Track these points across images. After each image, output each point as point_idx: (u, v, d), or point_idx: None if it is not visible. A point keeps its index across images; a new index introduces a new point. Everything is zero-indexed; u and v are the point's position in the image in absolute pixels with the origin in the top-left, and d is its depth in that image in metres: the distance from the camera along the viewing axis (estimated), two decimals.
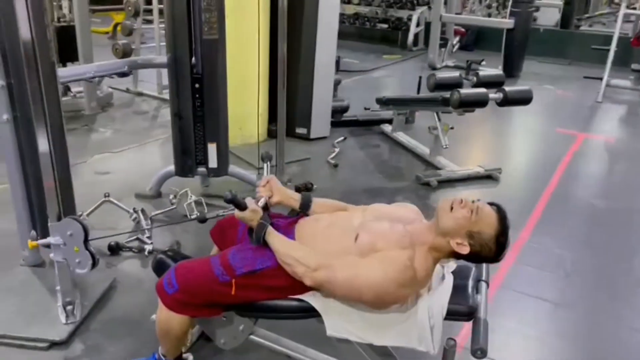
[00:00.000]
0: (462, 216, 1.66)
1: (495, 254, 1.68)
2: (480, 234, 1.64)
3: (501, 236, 1.65)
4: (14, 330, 2.22)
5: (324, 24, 4.54)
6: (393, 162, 4.53)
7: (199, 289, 1.77)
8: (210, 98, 3.31)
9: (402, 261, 1.65)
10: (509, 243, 1.69)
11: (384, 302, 1.69)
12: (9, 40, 2.29)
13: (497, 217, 1.66)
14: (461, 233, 1.66)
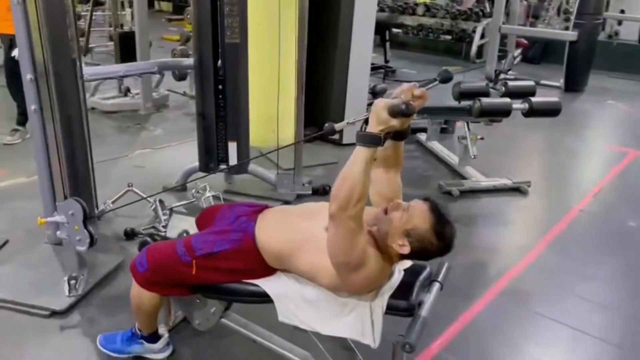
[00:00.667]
0: (394, 217, 1.70)
1: (438, 246, 1.69)
2: (415, 230, 1.67)
3: (437, 226, 1.67)
4: (23, 298, 2.47)
5: (359, 30, 4.61)
6: (420, 170, 4.51)
7: (165, 269, 1.91)
8: (232, 99, 3.49)
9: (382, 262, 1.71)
10: (452, 233, 1.70)
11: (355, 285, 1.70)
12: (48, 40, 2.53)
13: (428, 209, 1.68)
14: (399, 233, 1.68)
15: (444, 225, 1.68)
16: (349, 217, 1.59)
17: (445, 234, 1.68)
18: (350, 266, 1.65)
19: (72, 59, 2.60)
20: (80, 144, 2.76)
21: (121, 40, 5.63)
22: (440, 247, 1.70)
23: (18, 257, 2.83)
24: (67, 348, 2.24)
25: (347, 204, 1.57)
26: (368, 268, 1.65)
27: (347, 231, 1.61)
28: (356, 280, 1.67)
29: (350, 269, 1.65)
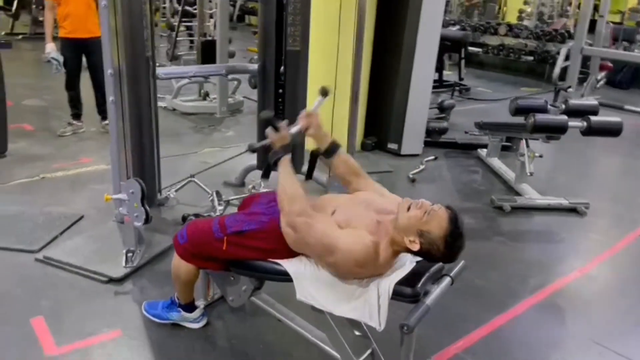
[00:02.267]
0: (415, 215, 1.80)
1: (443, 253, 1.80)
2: (429, 233, 1.77)
3: (449, 237, 1.76)
4: (88, 264, 2.80)
5: (423, 46, 4.72)
6: (475, 184, 4.50)
7: (200, 242, 2.13)
8: (290, 103, 3.71)
9: (367, 242, 1.81)
10: (461, 246, 1.79)
11: (340, 269, 1.86)
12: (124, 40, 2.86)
13: (448, 219, 1.77)
14: (413, 231, 1.79)
15: (457, 237, 1.77)
16: (296, 215, 1.86)
17: (454, 246, 1.78)
18: (323, 253, 1.85)
19: (146, 57, 2.93)
20: (147, 134, 3.09)
21: (203, 47, 6.08)
22: (445, 255, 1.81)
23: (89, 230, 3.19)
24: (118, 310, 2.52)
25: (287, 208, 1.89)
26: (342, 250, 1.79)
27: (302, 226, 1.86)
28: (338, 262, 1.82)
29: (326, 254, 1.84)
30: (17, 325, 2.35)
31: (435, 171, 4.76)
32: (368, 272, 1.87)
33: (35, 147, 4.73)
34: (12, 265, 2.82)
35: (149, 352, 2.26)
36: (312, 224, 1.85)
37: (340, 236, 1.83)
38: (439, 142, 5.28)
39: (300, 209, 1.87)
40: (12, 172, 4.07)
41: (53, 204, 3.53)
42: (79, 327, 2.38)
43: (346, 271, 1.87)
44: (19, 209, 3.41)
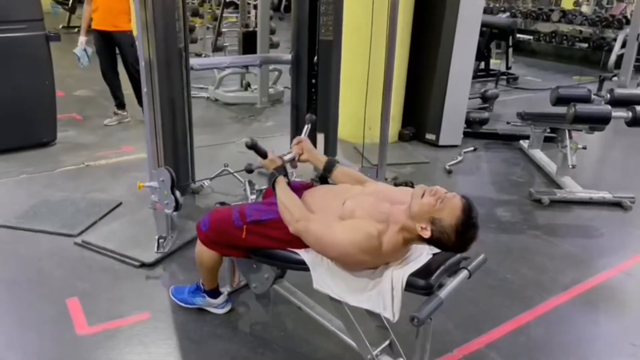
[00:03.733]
0: (428, 202, 1.78)
1: (454, 243, 1.76)
2: (441, 221, 1.74)
3: (461, 226, 1.72)
4: (122, 249, 2.92)
5: (462, 34, 4.61)
6: (514, 176, 4.38)
7: (221, 230, 2.17)
8: (323, 92, 3.73)
9: (369, 231, 1.81)
10: (473, 237, 1.76)
11: (345, 262, 1.88)
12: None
13: (461, 208, 1.74)
14: (426, 218, 1.77)
15: (469, 227, 1.74)
16: (296, 222, 1.92)
17: (465, 236, 1.74)
18: (324, 250, 1.91)
19: (179, 49, 3.01)
20: (181, 124, 3.18)
21: (245, 38, 6.16)
22: (455, 245, 1.77)
23: (126, 216, 3.32)
24: (148, 294, 2.61)
25: (287, 219, 1.96)
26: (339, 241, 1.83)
27: (304, 233, 1.91)
28: (340, 255, 1.86)
29: (326, 251, 1.90)
30: (54, 305, 2.49)
31: (473, 163, 4.66)
32: (375, 260, 1.87)
33: (83, 136, 4.94)
34: (53, 247, 2.97)
35: (174, 334, 2.34)
36: (309, 225, 1.91)
37: (336, 230, 1.86)
38: (480, 132, 5.16)
39: (298, 215, 1.94)
40: (60, 160, 4.28)
41: (95, 190, 3.69)
42: (110, 308, 2.48)
43: (351, 262, 1.87)
44: (63, 195, 3.58)
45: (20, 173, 3.98)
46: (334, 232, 1.86)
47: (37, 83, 4.49)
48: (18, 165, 4.14)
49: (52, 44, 4.54)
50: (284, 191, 2.04)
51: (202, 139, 4.76)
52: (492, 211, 3.73)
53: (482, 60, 8.40)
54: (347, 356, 2.20)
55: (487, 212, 3.70)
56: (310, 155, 2.29)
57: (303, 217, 1.94)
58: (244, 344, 2.30)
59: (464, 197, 1.80)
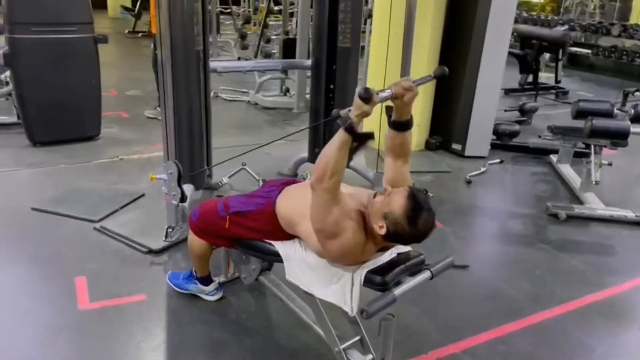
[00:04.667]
0: (378, 200, 1.85)
1: (409, 231, 1.79)
2: (391, 213, 1.80)
3: (410, 212, 1.77)
4: (134, 236, 3.12)
5: (491, 45, 4.57)
6: (537, 190, 4.29)
7: (208, 220, 2.32)
8: (340, 98, 3.82)
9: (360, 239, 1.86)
10: (427, 222, 1.79)
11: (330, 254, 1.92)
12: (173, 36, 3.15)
13: (406, 196, 1.79)
14: (379, 216, 1.83)
15: (418, 212, 1.78)
16: (324, 189, 1.81)
17: (417, 221, 1.78)
18: (325, 233, 1.86)
19: (197, 51, 3.19)
20: (197, 122, 3.35)
21: (285, 44, 6.36)
22: (412, 233, 1.80)
23: (145, 207, 3.54)
24: (149, 278, 2.79)
25: (322, 177, 1.80)
26: (342, 238, 1.83)
27: (323, 201, 1.83)
28: (331, 247, 1.88)
29: (326, 236, 1.86)
30: (64, 281, 2.71)
31: (497, 175, 4.60)
32: (351, 262, 1.94)
33: (125, 132, 5.27)
34: (74, 230, 3.23)
35: (164, 317, 2.50)
36: (332, 205, 1.81)
37: (347, 230, 1.83)
38: (509, 145, 5.08)
39: (333, 185, 1.80)
40: (98, 153, 4.59)
41: (122, 182, 3.95)
42: (113, 288, 2.68)
43: (332, 257, 1.93)
44: (92, 185, 3.86)
45: (60, 163, 4.31)
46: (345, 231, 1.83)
47: (85, 82, 4.84)
48: (61, 156, 4.48)
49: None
50: (344, 153, 1.81)
51: (235, 140, 4.98)
52: (505, 223, 3.69)
53: (530, 72, 8.23)
54: (322, 349, 2.27)
55: (499, 224, 3.67)
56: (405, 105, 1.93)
57: (334, 193, 1.82)
58: (227, 331, 2.43)
59: (411, 187, 1.85)
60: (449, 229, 3.48)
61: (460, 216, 3.73)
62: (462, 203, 3.96)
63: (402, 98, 1.89)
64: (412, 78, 1.96)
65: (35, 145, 4.71)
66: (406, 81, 1.90)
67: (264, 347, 2.34)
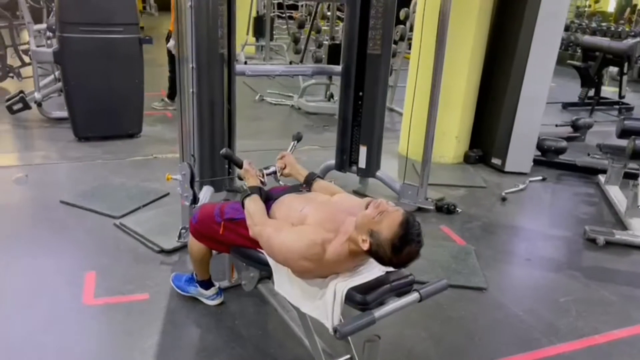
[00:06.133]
0: (369, 214, 1.76)
1: (390, 257, 1.71)
2: (378, 234, 1.71)
3: (397, 241, 1.68)
4: (149, 234, 3.17)
5: (537, 57, 4.34)
6: (577, 212, 4.01)
7: (206, 224, 2.30)
8: (368, 105, 3.74)
9: (312, 238, 1.82)
10: (410, 254, 1.70)
11: (291, 267, 1.89)
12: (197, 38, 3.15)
13: (400, 222, 1.69)
14: (366, 230, 1.75)
15: (405, 243, 1.68)
16: (255, 225, 2.00)
17: (401, 251, 1.69)
18: (278, 259, 1.93)
19: (221, 54, 3.20)
20: (219, 123, 3.35)
21: (330, 50, 6.32)
22: (392, 260, 1.72)
23: (166, 206, 3.59)
24: (155, 277, 2.80)
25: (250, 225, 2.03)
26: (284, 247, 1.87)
27: (258, 236, 1.98)
28: (287, 259, 1.88)
29: (275, 255, 1.94)
30: (74, 275, 2.77)
31: (536, 193, 4.35)
32: (319, 268, 1.85)
33: (167, 132, 5.39)
34: (95, 225, 3.31)
35: (162, 317, 2.50)
36: (263, 229, 1.97)
37: (282, 234, 1.89)
38: (555, 162, 4.80)
39: (257, 220, 2.01)
40: (135, 151, 4.72)
41: (150, 180, 4.02)
42: (119, 285, 2.71)
43: (295, 267, 1.88)
44: (122, 181, 3.96)
45: (98, 158, 4.46)
46: (280, 237, 1.89)
47: (128, 81, 5.00)
48: (100, 151, 4.64)
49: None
50: (252, 202, 2.09)
51: (269, 144, 4.99)
52: (535, 245, 3.47)
53: (591, 86, 7.79)
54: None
55: (529, 245, 3.46)
56: (292, 169, 2.40)
57: (260, 222, 2.01)
58: (221, 337, 2.40)
59: (407, 212, 1.74)
60: (472, 247, 3.30)
61: (487, 235, 3.54)
62: (492, 221, 3.75)
63: (284, 167, 2.41)
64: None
65: (80, 140, 4.90)
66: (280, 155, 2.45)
67: (252, 356, 2.29)
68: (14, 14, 6.76)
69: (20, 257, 2.94)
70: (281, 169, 2.41)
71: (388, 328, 2.54)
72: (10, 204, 3.59)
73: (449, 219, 3.72)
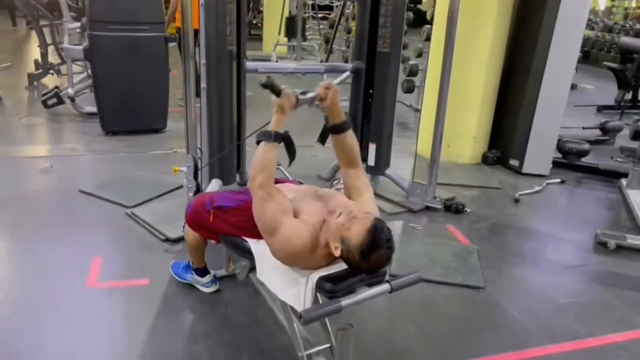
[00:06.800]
0: (339, 222, 1.80)
1: (359, 263, 1.75)
2: (348, 240, 1.75)
3: (365, 246, 1.71)
4: (156, 224, 3.28)
5: (557, 56, 4.25)
6: (593, 216, 3.91)
7: (198, 213, 2.37)
8: (378, 103, 3.76)
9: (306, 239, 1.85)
10: (379, 259, 1.73)
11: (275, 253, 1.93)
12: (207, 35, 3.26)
13: (368, 228, 1.72)
14: (338, 237, 1.79)
15: (373, 249, 1.71)
16: (257, 187, 1.88)
17: (370, 257, 1.72)
18: (266, 230, 1.88)
19: (229, 51, 3.29)
20: (228, 118, 3.44)
21: None
22: (361, 265, 1.75)
23: (177, 198, 3.70)
24: (157, 264, 2.90)
25: (254, 175, 1.90)
26: (281, 233, 1.85)
27: (259, 199, 1.89)
28: (274, 245, 1.89)
29: (268, 234, 1.88)
30: (81, 260, 2.91)
31: (552, 195, 4.26)
32: (301, 264, 1.91)
33: None
34: (108, 214, 3.46)
35: (158, 302, 2.60)
36: (267, 201, 1.88)
37: (284, 224, 1.87)
38: (576, 165, 4.69)
39: (263, 182, 1.88)
40: (157, 145, 4.88)
41: (166, 173, 4.13)
42: (122, 270, 2.84)
43: (280, 257, 1.93)
44: (139, 173, 4.12)
45: (120, 152, 4.64)
46: (281, 226, 1.87)
47: (154, 78, 5.18)
48: (124, 145, 4.82)
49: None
50: (268, 150, 1.92)
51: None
52: (542, 247, 3.42)
53: (629, 89, 7.53)
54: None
55: (536, 247, 3.40)
56: (332, 104, 2.07)
57: (266, 187, 1.89)
58: (211, 323, 2.47)
59: (376, 219, 1.77)
60: (475, 247, 3.28)
61: (493, 235, 3.50)
62: (501, 222, 3.71)
63: (326, 98, 2.03)
64: None
65: (107, 134, 5.11)
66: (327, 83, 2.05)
67: (239, 343, 2.35)
68: (54, 13, 7.07)
69: (35, 240, 3.11)
70: (320, 98, 2.06)
71: (377, 322, 2.57)
72: (34, 191, 3.79)
73: (457, 219, 3.69)
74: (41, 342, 2.26)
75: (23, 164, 4.31)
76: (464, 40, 4.34)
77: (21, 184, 3.90)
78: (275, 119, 1.95)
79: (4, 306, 2.49)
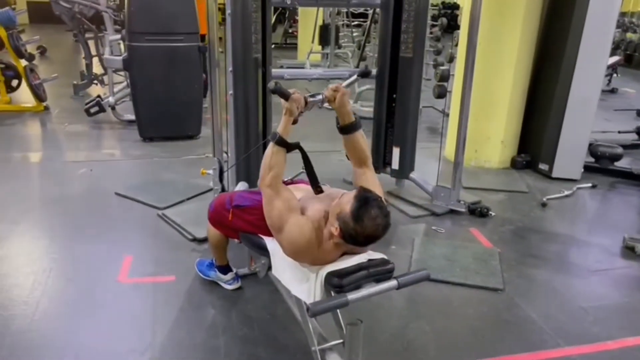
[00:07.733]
0: (335, 204, 1.89)
1: (357, 230, 1.80)
2: (341, 213, 1.83)
3: (356, 211, 1.79)
4: (185, 224, 3.43)
5: (587, 56, 4.19)
6: (623, 221, 3.83)
7: (218, 211, 2.49)
8: (401, 108, 3.81)
9: (310, 237, 1.92)
10: (376, 221, 1.79)
11: (283, 248, 2.02)
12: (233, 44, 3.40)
13: (355, 195, 1.82)
14: (334, 218, 1.87)
15: (365, 210, 1.78)
16: (266, 186, 2.01)
17: (363, 218, 1.78)
18: (274, 227, 1.99)
19: (255, 58, 3.41)
20: (254, 124, 3.56)
21: None
22: (360, 232, 1.80)
23: (207, 200, 3.77)
24: (184, 262, 3.03)
25: (263, 175, 2.03)
26: (287, 232, 1.94)
27: (267, 197, 2.01)
28: (282, 242, 1.98)
29: (276, 230, 1.99)
30: (114, 257, 3.08)
31: (582, 200, 4.19)
32: (308, 260, 1.99)
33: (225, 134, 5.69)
34: (141, 215, 3.63)
35: (182, 297, 2.73)
36: (274, 199, 1.99)
37: (290, 221, 1.95)
38: (609, 169, 4.59)
39: (272, 180, 2.00)
40: (191, 150, 5.06)
41: (197, 176, 4.23)
42: (151, 267, 2.98)
43: (288, 253, 2.01)
44: (172, 177, 4.29)
45: (155, 157, 4.84)
46: (287, 223, 1.96)
47: (189, 86, 5.38)
48: (159, 150, 5.03)
49: None
50: (276, 151, 2.03)
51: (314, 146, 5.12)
52: (567, 251, 3.38)
53: None
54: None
55: (560, 251, 3.37)
56: (341, 105, 2.15)
57: (274, 186, 2.01)
58: (231, 319, 2.58)
59: (360, 187, 1.89)
60: (498, 249, 3.27)
61: (517, 238, 3.48)
62: (526, 225, 3.68)
63: (334, 100, 2.12)
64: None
65: (145, 140, 5.33)
66: (335, 86, 2.14)
67: (257, 337, 2.45)
68: (99, 26, 7.43)
69: (73, 238, 3.30)
70: (328, 99, 2.17)
71: (392, 321, 2.62)
72: (73, 193, 4.01)
73: (481, 222, 3.69)
74: (73, 331, 2.42)
75: (65, 168, 4.55)
76: (491, 43, 4.37)
77: (63, 187, 4.13)
78: (283, 121, 2.07)
79: (42, 298, 2.66)
